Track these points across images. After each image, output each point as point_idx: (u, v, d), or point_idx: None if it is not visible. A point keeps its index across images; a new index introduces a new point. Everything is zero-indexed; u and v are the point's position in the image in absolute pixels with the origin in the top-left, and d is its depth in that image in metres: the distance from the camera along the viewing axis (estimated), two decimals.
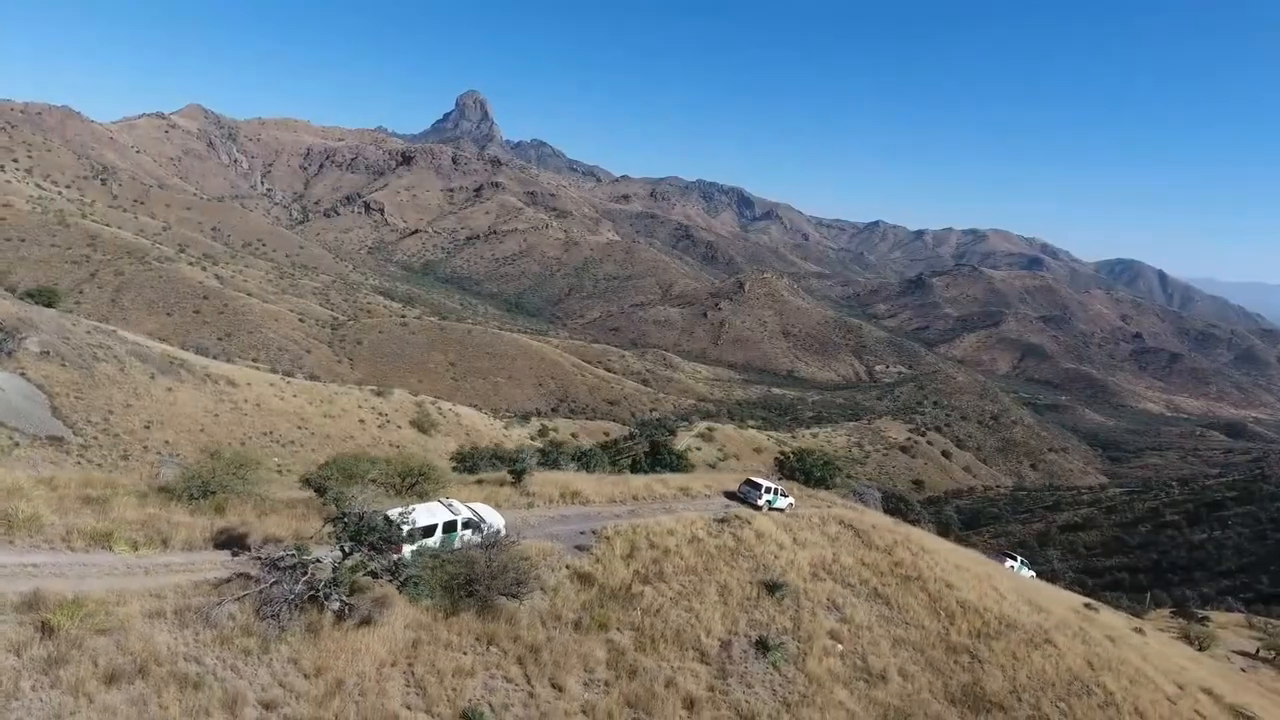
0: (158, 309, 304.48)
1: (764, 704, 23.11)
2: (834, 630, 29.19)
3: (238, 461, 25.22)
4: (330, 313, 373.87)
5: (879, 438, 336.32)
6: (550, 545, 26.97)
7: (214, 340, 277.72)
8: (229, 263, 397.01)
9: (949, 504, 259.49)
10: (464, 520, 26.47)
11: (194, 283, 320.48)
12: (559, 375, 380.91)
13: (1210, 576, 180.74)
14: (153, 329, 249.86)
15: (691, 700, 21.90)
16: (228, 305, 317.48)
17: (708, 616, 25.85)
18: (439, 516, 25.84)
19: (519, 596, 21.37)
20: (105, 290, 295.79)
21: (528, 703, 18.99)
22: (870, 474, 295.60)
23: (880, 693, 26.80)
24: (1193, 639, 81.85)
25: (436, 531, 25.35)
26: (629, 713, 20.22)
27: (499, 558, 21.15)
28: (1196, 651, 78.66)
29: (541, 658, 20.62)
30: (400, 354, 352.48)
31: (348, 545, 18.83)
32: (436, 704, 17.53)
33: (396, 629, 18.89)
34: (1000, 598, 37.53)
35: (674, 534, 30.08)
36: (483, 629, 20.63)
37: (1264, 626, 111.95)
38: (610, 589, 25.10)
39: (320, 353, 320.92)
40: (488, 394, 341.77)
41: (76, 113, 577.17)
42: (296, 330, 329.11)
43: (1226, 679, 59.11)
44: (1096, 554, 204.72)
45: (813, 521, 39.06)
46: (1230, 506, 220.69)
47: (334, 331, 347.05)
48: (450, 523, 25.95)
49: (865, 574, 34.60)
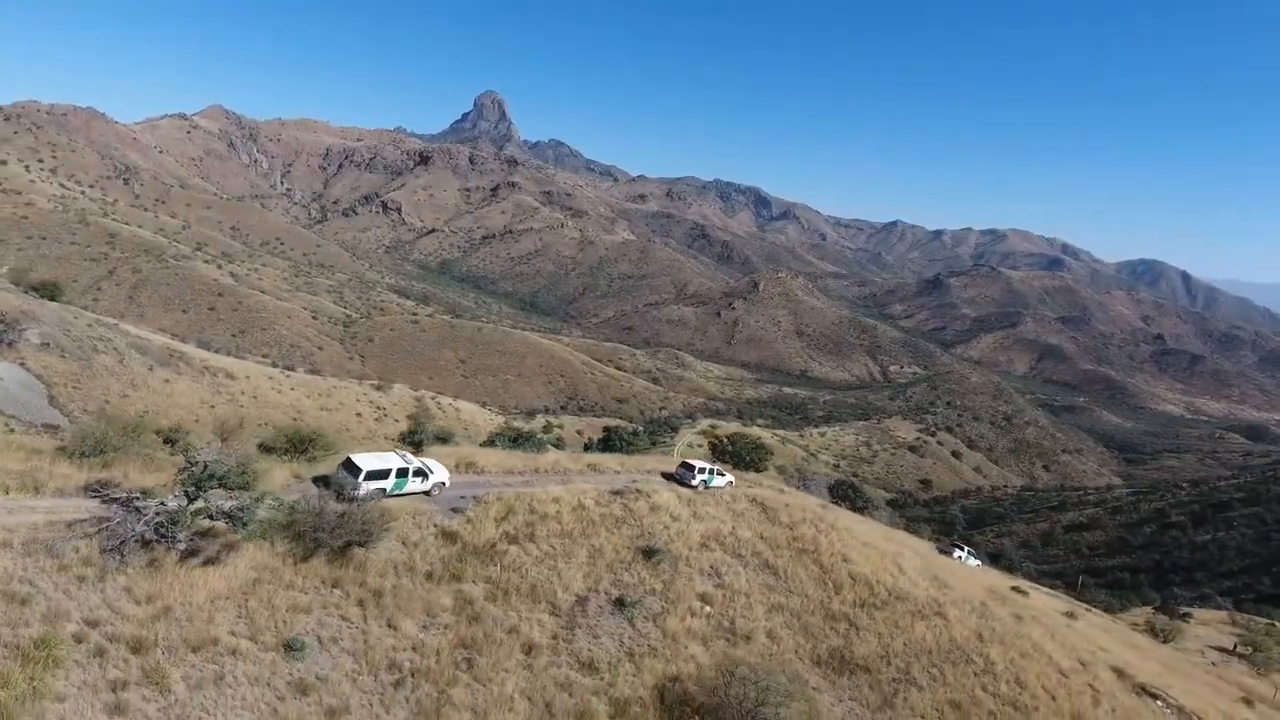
0: (174, 306, 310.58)
1: (606, 653, 24.82)
2: (707, 594, 30.81)
3: (131, 425, 27.47)
4: (343, 310, 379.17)
5: (888, 437, 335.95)
6: (424, 506, 28.84)
7: (228, 337, 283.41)
8: (245, 261, 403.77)
9: (955, 503, 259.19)
10: (414, 469, 30.90)
11: (209, 280, 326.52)
12: (568, 373, 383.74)
13: (1212, 577, 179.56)
14: (168, 325, 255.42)
15: (531, 646, 23.64)
16: (242, 303, 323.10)
17: (569, 575, 27.59)
18: (393, 464, 30.38)
19: (366, 545, 23.25)
20: (123, 287, 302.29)
21: (357, 638, 20.86)
22: (878, 473, 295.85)
23: (740, 651, 28.38)
24: (1158, 632, 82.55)
25: (391, 475, 29.93)
26: (461, 652, 22.02)
27: (350, 510, 23.04)
28: (1160, 643, 79.44)
29: (384, 601, 22.50)
30: (411, 351, 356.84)
31: (191, 490, 20.82)
32: (262, 633, 19.45)
33: (240, 569, 20.84)
34: (899, 573, 38.91)
35: (559, 502, 31.81)
36: (330, 574, 22.54)
37: (1246, 624, 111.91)
38: (474, 546, 26.92)
39: (332, 349, 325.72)
40: (497, 391, 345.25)
41: (101, 114, 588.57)
42: (309, 327, 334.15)
43: (1166, 665, 59.90)
44: (1099, 554, 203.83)
45: (723, 499, 40.65)
46: (1237, 508, 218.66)
47: (346, 329, 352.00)
48: (402, 469, 30.48)
49: (760, 546, 36.16)
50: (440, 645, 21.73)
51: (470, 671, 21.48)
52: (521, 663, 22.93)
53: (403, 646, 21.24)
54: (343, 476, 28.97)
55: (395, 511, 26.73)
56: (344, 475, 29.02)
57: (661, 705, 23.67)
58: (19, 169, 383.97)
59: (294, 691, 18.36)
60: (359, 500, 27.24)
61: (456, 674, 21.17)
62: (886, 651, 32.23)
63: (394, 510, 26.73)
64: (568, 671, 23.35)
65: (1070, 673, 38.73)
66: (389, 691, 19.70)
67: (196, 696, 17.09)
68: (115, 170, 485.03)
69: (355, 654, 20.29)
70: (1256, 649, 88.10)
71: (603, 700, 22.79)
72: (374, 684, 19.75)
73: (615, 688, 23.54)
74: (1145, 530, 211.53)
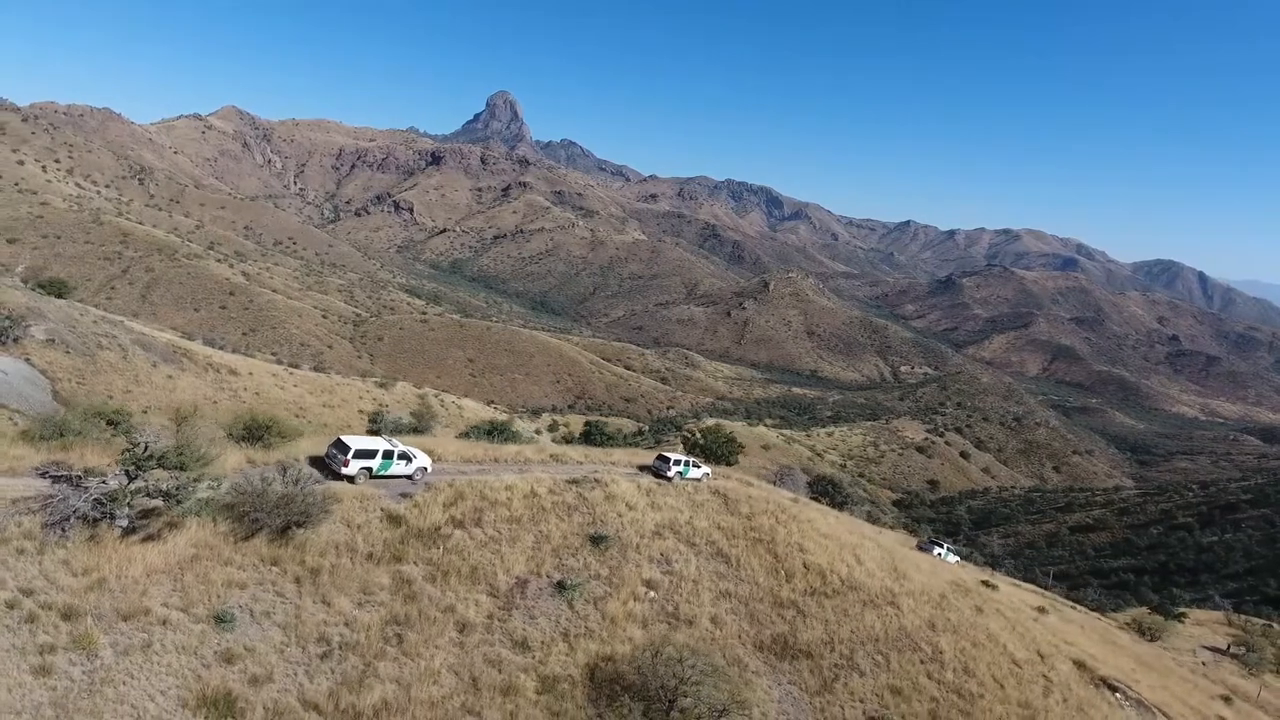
0: (186, 304, 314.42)
1: (541, 633, 25.68)
2: (653, 580, 31.61)
3: (92, 411, 28.66)
4: (353, 309, 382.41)
5: (895, 437, 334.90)
6: (373, 490, 29.80)
7: (238, 335, 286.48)
8: (258, 260, 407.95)
9: (961, 504, 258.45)
10: (399, 453, 33.09)
11: (221, 279, 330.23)
12: (576, 373, 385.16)
13: (1217, 579, 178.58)
14: (180, 324, 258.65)
15: (465, 625, 24.53)
16: (253, 301, 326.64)
17: (512, 559, 28.45)
18: (380, 446, 32.81)
19: (305, 526, 24.21)
20: (136, 286, 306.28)
21: (290, 612, 21.82)
22: (884, 473, 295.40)
23: (681, 635, 29.15)
24: (1144, 630, 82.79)
25: (377, 456, 32.27)
26: (393, 628, 22.95)
27: (291, 492, 23.99)
28: (1145, 641, 79.65)
29: (320, 579, 23.47)
30: (420, 350, 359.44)
31: (130, 470, 21.84)
32: (194, 605, 20.45)
33: (179, 545, 21.85)
34: (856, 564, 39.55)
35: (511, 489, 32.67)
36: (270, 552, 23.52)
37: (1243, 625, 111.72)
38: (418, 529, 27.84)
39: (341, 348, 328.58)
40: (504, 390, 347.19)
41: (117, 114, 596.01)
42: (319, 326, 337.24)
43: (1141, 661, 60.20)
44: (1105, 555, 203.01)
45: (685, 490, 41.45)
46: (1244, 509, 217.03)
47: (356, 328, 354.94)
48: (388, 452, 32.69)
49: (715, 535, 36.91)
50: (372, 621, 22.69)
51: (399, 646, 22.41)
52: (454, 640, 23.84)
53: (334, 622, 22.21)
54: (333, 454, 32.37)
55: (341, 495, 27.73)
56: (334, 453, 32.36)
57: (592, 683, 24.49)
58: (36, 169, 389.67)
59: (220, 660, 19.35)
60: (348, 477, 30.93)
61: (385, 648, 22.11)
62: (832, 638, 32.91)
63: (339, 494, 27.74)
64: (500, 649, 24.23)
65: (1025, 663, 39.26)
66: (315, 662, 20.66)
67: (123, 661, 18.10)
68: (130, 170, 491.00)
69: (286, 627, 21.27)
70: (1250, 649, 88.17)
71: (531, 677, 23.64)
72: (301, 655, 20.72)
73: (546, 665, 24.39)
74: (1152, 531, 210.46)
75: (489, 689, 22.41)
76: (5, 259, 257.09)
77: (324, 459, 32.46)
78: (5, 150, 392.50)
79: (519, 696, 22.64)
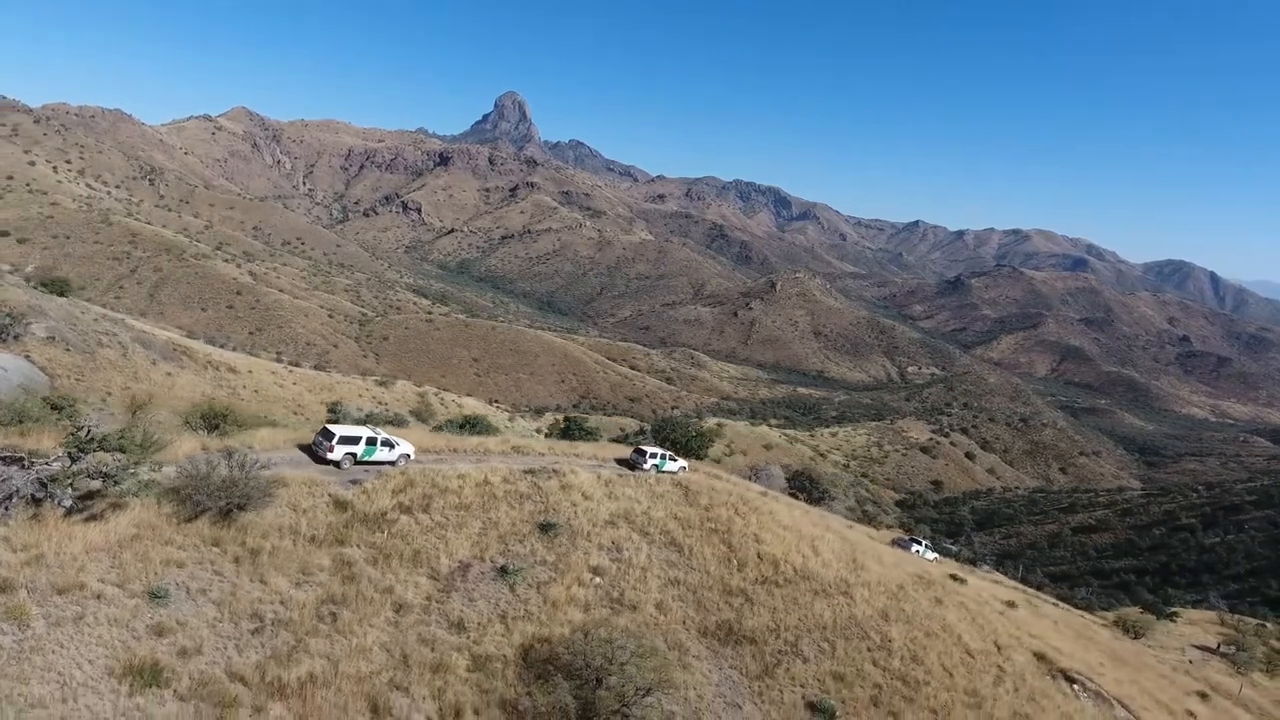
0: (193, 304, 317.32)
1: (479, 615, 26.45)
2: (601, 567, 32.36)
3: (51, 401, 29.72)
4: (360, 309, 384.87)
5: (900, 438, 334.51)
6: (321, 477, 30.64)
7: (244, 334, 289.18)
8: (265, 260, 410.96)
9: (965, 504, 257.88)
10: (382, 441, 35.10)
11: (228, 279, 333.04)
12: (581, 372, 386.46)
13: (1218, 580, 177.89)
14: (187, 323, 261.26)
15: (402, 606, 25.34)
16: (259, 301, 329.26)
17: (456, 544, 29.22)
18: (364, 434, 34.97)
19: (246, 508, 25.09)
20: (144, 285, 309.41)
21: (225, 589, 22.68)
22: (888, 474, 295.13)
23: (623, 620, 29.88)
24: (1127, 628, 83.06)
25: (361, 443, 34.32)
26: (329, 607, 23.77)
27: (234, 476, 24.89)
28: (1129, 639, 79.88)
29: (259, 559, 24.32)
30: (425, 349, 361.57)
31: (74, 452, 22.78)
32: (130, 582, 21.34)
33: (121, 525, 22.77)
34: (812, 555, 40.18)
35: (464, 478, 33.48)
36: (212, 534, 24.37)
37: (1235, 624, 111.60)
38: (364, 514, 28.67)
39: (347, 347, 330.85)
40: (509, 389, 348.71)
41: (128, 116, 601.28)
42: (325, 325, 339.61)
43: (1113, 657, 60.51)
44: (1107, 555, 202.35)
45: (646, 480, 42.23)
46: (1248, 510, 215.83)
47: (362, 327, 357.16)
48: (371, 439, 34.80)
49: (671, 525, 37.62)
50: (307, 600, 23.53)
51: (333, 624, 23.25)
52: (390, 620, 24.67)
53: (269, 600, 23.07)
54: (319, 441, 34.60)
55: (289, 480, 28.62)
56: (320, 440, 34.56)
57: (525, 662, 25.26)
58: (46, 170, 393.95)
59: (150, 633, 20.21)
60: (334, 462, 33.28)
61: (318, 626, 22.94)
62: (778, 625, 33.57)
63: (287, 479, 28.62)
64: (435, 629, 25.03)
65: (979, 653, 39.79)
66: (246, 637, 21.51)
67: (54, 632, 18.99)
68: (141, 171, 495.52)
69: (220, 604, 22.13)
70: (1240, 648, 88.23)
71: (464, 655, 24.43)
72: (233, 630, 21.57)
73: (480, 645, 25.16)
74: (1154, 532, 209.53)
75: (419, 666, 23.22)
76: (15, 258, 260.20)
77: (312, 446, 34.84)
78: (17, 151, 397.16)
79: (449, 673, 23.43)
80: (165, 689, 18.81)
